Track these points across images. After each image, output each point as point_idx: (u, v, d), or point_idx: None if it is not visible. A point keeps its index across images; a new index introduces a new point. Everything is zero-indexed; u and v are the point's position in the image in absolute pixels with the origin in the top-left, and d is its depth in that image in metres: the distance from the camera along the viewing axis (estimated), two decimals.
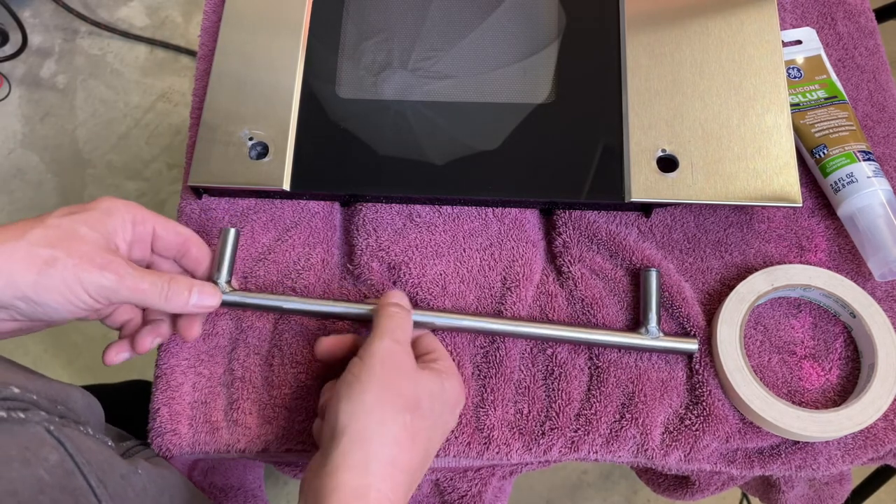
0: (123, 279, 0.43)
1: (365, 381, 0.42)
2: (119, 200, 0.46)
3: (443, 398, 0.45)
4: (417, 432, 0.43)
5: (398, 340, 0.45)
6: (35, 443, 0.36)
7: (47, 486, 0.34)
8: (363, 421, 0.41)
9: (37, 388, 0.40)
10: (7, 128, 1.51)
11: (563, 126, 0.56)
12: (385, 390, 0.42)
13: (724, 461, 0.52)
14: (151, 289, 0.44)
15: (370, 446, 0.40)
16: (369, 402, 0.41)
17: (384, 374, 0.43)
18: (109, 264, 0.42)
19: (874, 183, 0.55)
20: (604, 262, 0.56)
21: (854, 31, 0.66)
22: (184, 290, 0.46)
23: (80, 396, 0.45)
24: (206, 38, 0.65)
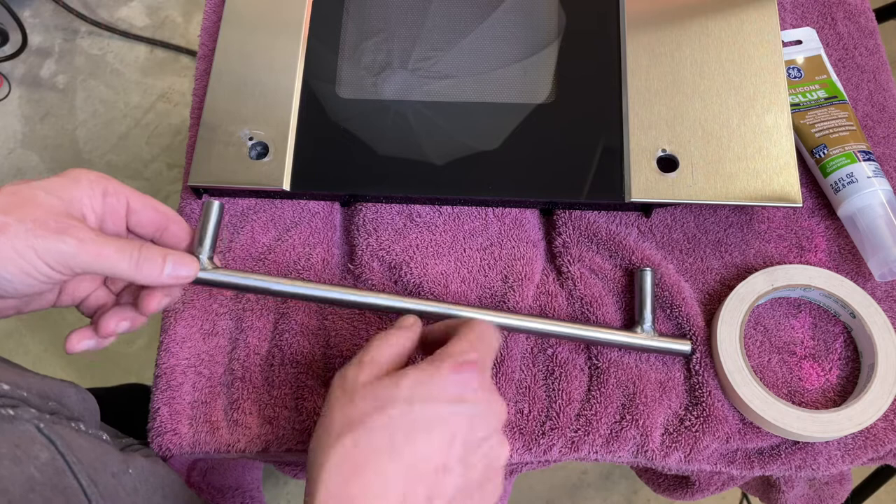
0: (84, 244, 0.38)
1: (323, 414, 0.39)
2: (90, 171, 0.41)
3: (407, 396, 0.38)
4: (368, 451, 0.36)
5: (365, 361, 0.40)
6: (25, 440, 0.36)
7: (38, 485, 0.34)
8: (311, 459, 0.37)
9: (28, 385, 0.40)
10: (7, 128, 1.51)
11: (563, 126, 0.56)
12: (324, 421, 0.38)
13: (724, 461, 0.52)
14: (118, 255, 0.39)
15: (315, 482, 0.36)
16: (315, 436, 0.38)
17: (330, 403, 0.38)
18: (68, 228, 0.38)
19: (874, 183, 0.55)
20: (604, 262, 0.56)
21: (854, 31, 0.66)
22: (157, 258, 0.41)
23: (73, 392, 0.44)
24: (206, 38, 0.65)
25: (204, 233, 0.46)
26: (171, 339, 0.54)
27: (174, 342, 0.54)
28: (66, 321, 1.34)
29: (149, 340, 1.33)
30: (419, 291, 0.55)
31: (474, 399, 0.37)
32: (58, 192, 0.39)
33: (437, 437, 0.36)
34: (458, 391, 0.37)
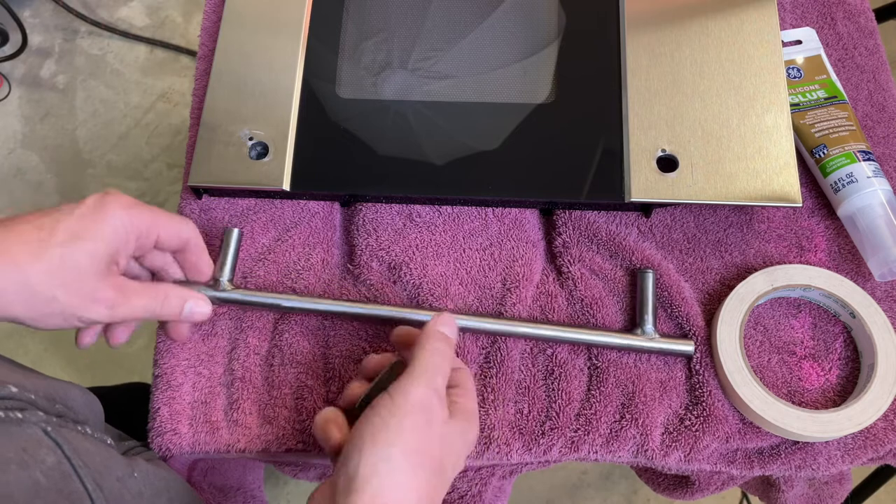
0: (115, 310, 0.43)
1: (394, 432, 0.38)
2: (125, 210, 0.44)
3: (464, 450, 0.43)
4: (435, 489, 0.40)
5: (436, 388, 0.41)
6: (32, 444, 0.36)
7: (43, 490, 0.34)
8: (386, 478, 0.37)
9: (35, 387, 0.40)
10: (7, 128, 1.51)
11: (563, 126, 0.56)
12: (414, 447, 0.38)
13: (724, 461, 0.52)
14: (144, 314, 0.45)
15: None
16: (396, 458, 0.38)
17: (415, 429, 0.39)
18: (105, 301, 0.43)
19: (874, 183, 0.55)
20: (604, 263, 0.56)
21: (854, 31, 0.66)
22: (175, 308, 0.47)
23: (79, 394, 0.44)
24: (206, 38, 0.65)
25: (224, 258, 0.53)
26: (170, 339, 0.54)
27: (174, 342, 0.54)
28: None
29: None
30: (419, 292, 0.55)
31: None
32: (97, 253, 0.42)
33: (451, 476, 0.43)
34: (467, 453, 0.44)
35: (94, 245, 0.42)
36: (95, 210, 0.43)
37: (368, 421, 0.39)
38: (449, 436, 0.41)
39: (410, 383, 0.40)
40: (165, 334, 0.51)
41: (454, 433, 0.41)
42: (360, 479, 0.37)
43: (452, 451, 0.41)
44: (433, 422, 0.40)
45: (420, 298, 0.55)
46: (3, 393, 0.37)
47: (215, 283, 0.53)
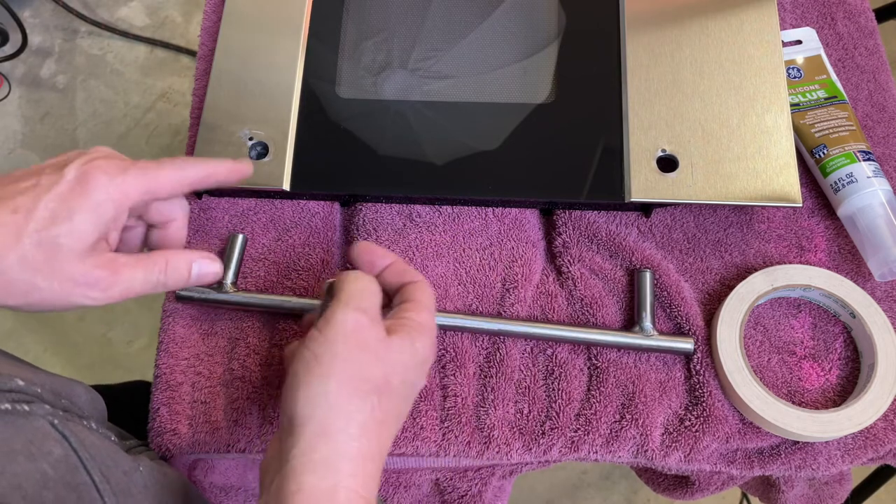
0: (110, 290, 0.40)
1: (326, 363, 0.37)
2: (111, 181, 0.40)
3: (414, 363, 0.41)
4: (387, 414, 0.39)
5: (364, 309, 0.40)
6: (39, 436, 0.36)
7: (51, 481, 0.34)
8: (325, 412, 0.36)
9: (41, 382, 0.40)
10: (7, 128, 1.51)
11: (563, 126, 0.56)
12: (350, 374, 0.37)
13: (724, 461, 0.52)
14: (145, 287, 0.42)
15: (335, 441, 0.36)
16: (333, 391, 0.37)
17: (348, 353, 0.38)
18: (96, 283, 0.39)
19: (874, 183, 0.55)
20: (604, 262, 0.56)
21: (854, 31, 0.66)
22: (183, 272, 0.44)
23: (83, 391, 0.44)
24: (206, 38, 0.65)
25: (229, 262, 0.54)
26: (170, 339, 0.54)
27: (173, 342, 0.54)
28: (66, 321, 1.34)
29: (149, 340, 1.33)
30: None
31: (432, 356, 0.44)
32: (82, 234, 0.39)
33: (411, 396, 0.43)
34: (429, 363, 0.43)
35: (75, 225, 0.38)
36: (78, 184, 0.39)
37: (300, 357, 0.38)
38: (390, 353, 0.39)
39: (336, 311, 0.39)
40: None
41: (396, 349, 0.40)
42: (299, 417, 0.36)
43: (397, 367, 0.40)
44: (367, 343, 0.39)
45: None
46: (10, 386, 0.37)
47: (219, 286, 0.54)
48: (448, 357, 0.53)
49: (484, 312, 0.55)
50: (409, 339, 0.41)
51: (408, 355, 0.40)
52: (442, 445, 0.51)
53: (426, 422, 0.51)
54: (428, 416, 0.51)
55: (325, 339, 0.38)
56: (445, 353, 0.53)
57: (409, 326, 0.41)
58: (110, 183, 0.40)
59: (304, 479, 0.35)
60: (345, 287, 0.41)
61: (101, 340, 1.33)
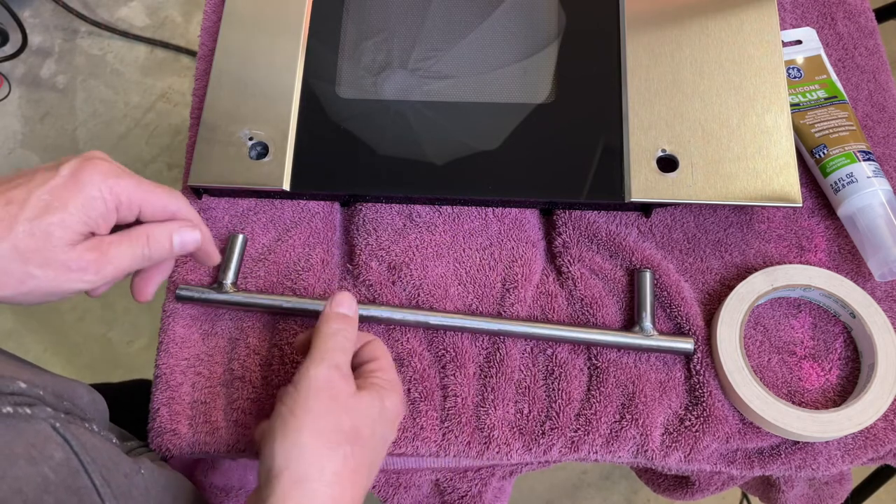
0: (102, 271, 0.41)
1: (300, 416, 0.40)
2: (103, 179, 0.41)
3: (384, 419, 0.43)
4: (359, 463, 0.41)
5: (337, 365, 0.42)
6: (41, 440, 0.36)
7: (52, 485, 0.34)
8: (300, 463, 0.38)
9: (43, 383, 0.40)
10: (7, 128, 1.51)
11: (563, 126, 0.56)
12: (322, 426, 0.40)
13: (724, 461, 0.52)
14: (133, 262, 0.42)
15: (310, 490, 0.38)
16: (306, 441, 0.39)
17: (320, 407, 0.40)
18: (87, 266, 0.40)
19: (874, 183, 0.55)
20: (604, 262, 0.56)
21: (854, 31, 0.66)
22: (164, 243, 0.44)
23: (85, 392, 0.44)
24: (206, 38, 0.65)
25: (229, 262, 0.55)
26: (170, 339, 0.54)
27: (173, 343, 0.54)
28: (66, 321, 1.34)
29: (149, 340, 1.33)
30: (418, 292, 0.55)
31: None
32: (72, 223, 0.39)
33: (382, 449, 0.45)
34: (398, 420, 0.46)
35: (67, 215, 0.39)
36: (73, 178, 0.40)
37: (277, 413, 0.41)
38: (359, 407, 0.42)
39: (310, 367, 0.42)
40: (134, 292, 0.48)
41: (366, 404, 0.42)
42: (276, 468, 0.38)
43: (367, 420, 0.42)
44: (338, 398, 0.41)
45: (420, 298, 0.55)
46: (12, 388, 0.37)
47: (219, 286, 0.54)
48: (448, 357, 0.53)
49: (484, 312, 0.55)
50: (378, 396, 0.43)
51: (377, 410, 0.43)
52: (442, 445, 0.51)
53: (426, 422, 0.51)
54: (428, 416, 0.51)
55: (298, 395, 0.41)
56: (445, 353, 0.53)
57: (378, 385, 0.44)
58: (103, 182, 0.41)
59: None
60: (320, 344, 0.43)
61: (101, 340, 1.33)
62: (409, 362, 0.53)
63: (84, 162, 0.41)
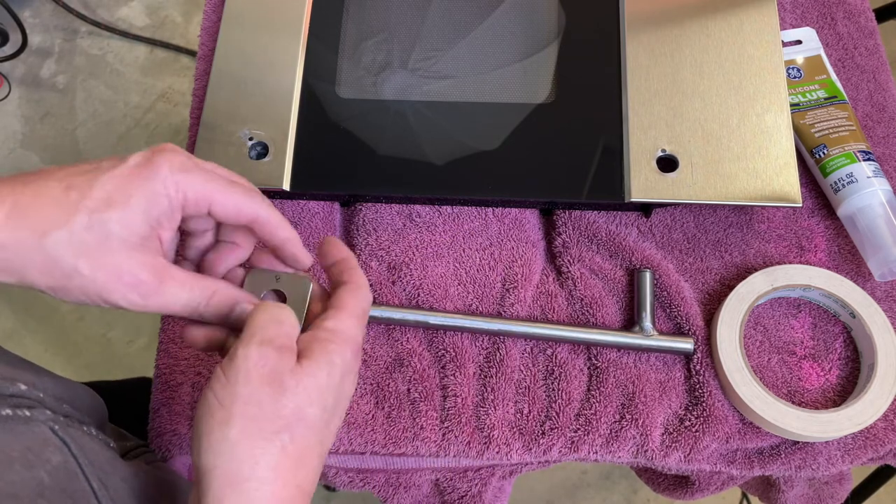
0: (149, 299, 0.37)
1: (227, 406, 0.34)
2: (173, 174, 0.37)
3: (333, 383, 0.37)
4: (304, 448, 0.36)
5: (269, 340, 0.36)
6: (38, 443, 0.36)
7: (47, 490, 0.34)
8: (229, 461, 0.34)
9: (44, 386, 0.40)
10: (7, 128, 1.51)
11: (563, 126, 0.56)
12: (253, 414, 0.35)
13: (724, 461, 0.52)
14: (183, 310, 0.38)
15: (244, 491, 0.34)
16: (234, 435, 0.34)
17: (250, 393, 0.35)
18: (138, 286, 0.36)
19: (874, 183, 0.55)
20: (603, 262, 0.56)
21: (854, 31, 0.66)
22: (224, 309, 0.39)
23: (85, 395, 0.44)
24: (206, 38, 0.65)
25: None
26: (170, 339, 0.54)
27: (173, 342, 0.54)
28: (66, 321, 1.34)
29: (149, 340, 1.33)
30: (418, 292, 0.55)
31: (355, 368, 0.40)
32: (133, 224, 0.36)
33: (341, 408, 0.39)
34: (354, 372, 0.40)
35: (129, 213, 0.35)
36: (138, 170, 0.36)
37: (203, 401, 0.35)
38: (301, 382, 0.36)
39: (238, 346, 0.36)
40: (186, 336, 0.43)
41: (309, 373, 0.36)
42: (203, 468, 0.34)
43: (312, 394, 0.36)
44: (273, 378, 0.35)
45: (420, 298, 0.55)
46: (12, 390, 0.37)
47: None
48: (448, 357, 0.53)
49: (484, 312, 0.55)
50: (324, 356, 0.37)
51: (324, 376, 0.37)
52: (442, 445, 0.51)
53: (426, 422, 0.51)
54: (428, 416, 0.51)
55: (226, 380, 0.35)
56: (445, 353, 0.53)
57: (324, 340, 0.38)
58: (170, 176, 0.36)
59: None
60: (250, 321, 0.37)
61: (101, 340, 1.33)
62: (409, 362, 0.53)
63: (154, 153, 0.37)
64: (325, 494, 1.19)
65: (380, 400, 0.52)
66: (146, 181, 0.36)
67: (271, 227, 0.40)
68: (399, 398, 0.52)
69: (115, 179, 0.36)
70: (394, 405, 0.52)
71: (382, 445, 0.51)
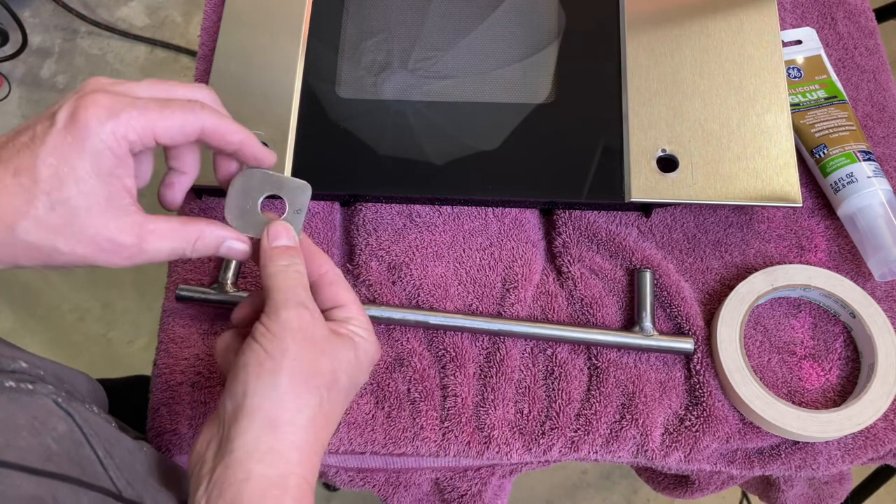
0: (134, 258, 0.37)
1: (279, 360, 0.37)
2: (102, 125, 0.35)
3: (359, 366, 0.41)
4: (333, 408, 0.39)
5: (303, 303, 0.39)
6: (43, 413, 0.36)
7: (55, 455, 0.34)
8: (276, 406, 0.36)
9: (44, 366, 0.40)
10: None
11: (563, 126, 0.56)
12: (301, 369, 0.37)
13: (724, 461, 0.52)
14: (170, 257, 0.39)
15: (284, 433, 0.36)
16: (284, 385, 0.37)
17: (299, 352, 0.38)
18: (119, 250, 0.36)
19: (874, 183, 0.55)
20: (603, 262, 0.56)
21: (854, 31, 0.66)
22: (210, 248, 0.40)
23: (84, 381, 0.44)
24: (206, 38, 0.65)
25: (229, 262, 0.54)
26: (170, 339, 0.54)
27: (173, 342, 0.54)
28: (66, 321, 1.34)
29: (149, 340, 1.33)
30: (419, 292, 0.55)
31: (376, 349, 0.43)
32: (96, 189, 0.36)
33: (351, 396, 0.42)
34: (365, 373, 0.42)
35: (82, 184, 0.35)
36: (70, 133, 0.35)
37: (251, 349, 0.38)
38: (336, 350, 0.39)
39: (279, 310, 0.38)
40: (161, 199, 0.44)
41: (342, 347, 0.40)
42: (247, 408, 0.36)
43: (343, 363, 0.40)
44: (314, 339, 0.39)
45: (420, 298, 0.55)
46: (14, 367, 0.37)
47: (219, 286, 0.54)
48: (448, 357, 0.53)
49: (484, 312, 0.55)
50: (352, 345, 0.41)
51: (353, 357, 0.40)
52: (442, 445, 0.51)
53: (426, 422, 0.51)
54: (428, 416, 0.51)
55: (273, 336, 0.38)
56: (445, 352, 0.53)
57: (351, 335, 0.41)
58: (101, 128, 0.35)
59: (252, 467, 0.35)
60: (277, 283, 0.40)
61: (101, 340, 1.33)
62: (409, 362, 0.53)
63: (77, 108, 0.36)
64: (326, 494, 1.19)
65: (380, 400, 0.52)
66: (83, 143, 0.35)
67: (221, 133, 0.40)
68: (399, 398, 0.52)
69: (54, 152, 0.35)
70: (394, 405, 0.52)
71: (382, 445, 0.51)
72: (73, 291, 1.37)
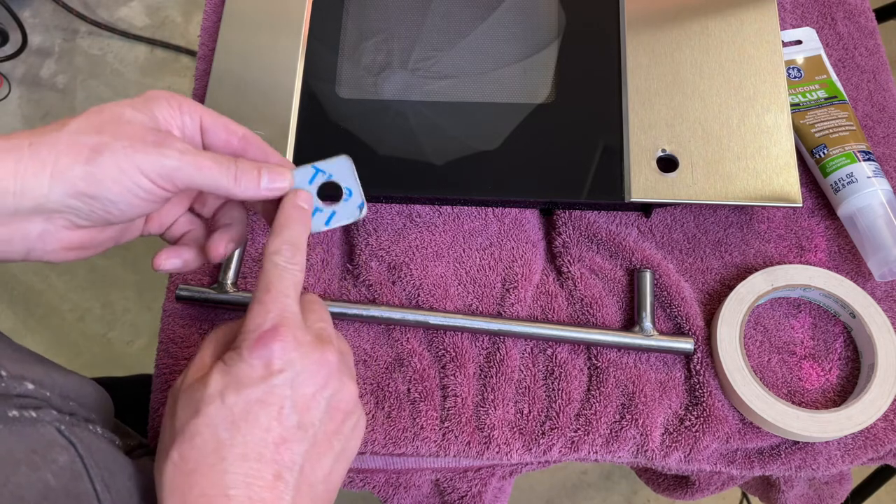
0: (185, 155, 0.37)
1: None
2: (162, 90, 0.39)
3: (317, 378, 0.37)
4: (192, 458, 0.35)
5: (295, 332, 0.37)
6: (44, 444, 0.36)
7: (52, 492, 0.34)
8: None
9: (52, 383, 0.40)
10: (7, 128, 1.51)
11: (563, 126, 0.56)
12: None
13: (724, 461, 0.52)
14: (218, 168, 0.38)
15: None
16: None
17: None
18: (166, 141, 0.37)
19: (874, 183, 0.55)
20: (604, 262, 0.56)
21: (854, 31, 0.66)
22: (253, 171, 0.39)
23: (92, 391, 0.44)
24: (206, 38, 0.65)
25: (229, 262, 0.54)
26: (170, 339, 0.54)
27: (173, 342, 0.54)
28: (66, 321, 1.34)
29: (149, 340, 1.33)
30: (419, 292, 0.55)
31: (284, 365, 0.36)
32: (143, 109, 0.38)
33: (262, 417, 0.35)
34: (264, 367, 0.36)
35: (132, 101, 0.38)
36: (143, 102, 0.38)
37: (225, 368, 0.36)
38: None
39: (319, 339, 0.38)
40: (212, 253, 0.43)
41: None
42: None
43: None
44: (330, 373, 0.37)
45: (420, 298, 0.55)
46: (20, 390, 0.37)
47: (219, 286, 0.54)
48: (448, 357, 0.53)
49: (484, 312, 0.55)
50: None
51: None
52: (442, 445, 0.51)
53: (426, 422, 0.51)
54: (428, 417, 0.51)
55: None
56: (445, 353, 0.53)
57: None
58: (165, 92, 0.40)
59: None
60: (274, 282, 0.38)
61: (101, 340, 1.33)
62: (409, 362, 0.53)
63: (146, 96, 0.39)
64: None
65: (380, 400, 0.52)
66: (141, 95, 0.39)
67: (257, 143, 0.42)
68: (399, 398, 0.52)
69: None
70: (394, 405, 0.52)
71: (382, 445, 0.51)
72: (73, 291, 1.37)
